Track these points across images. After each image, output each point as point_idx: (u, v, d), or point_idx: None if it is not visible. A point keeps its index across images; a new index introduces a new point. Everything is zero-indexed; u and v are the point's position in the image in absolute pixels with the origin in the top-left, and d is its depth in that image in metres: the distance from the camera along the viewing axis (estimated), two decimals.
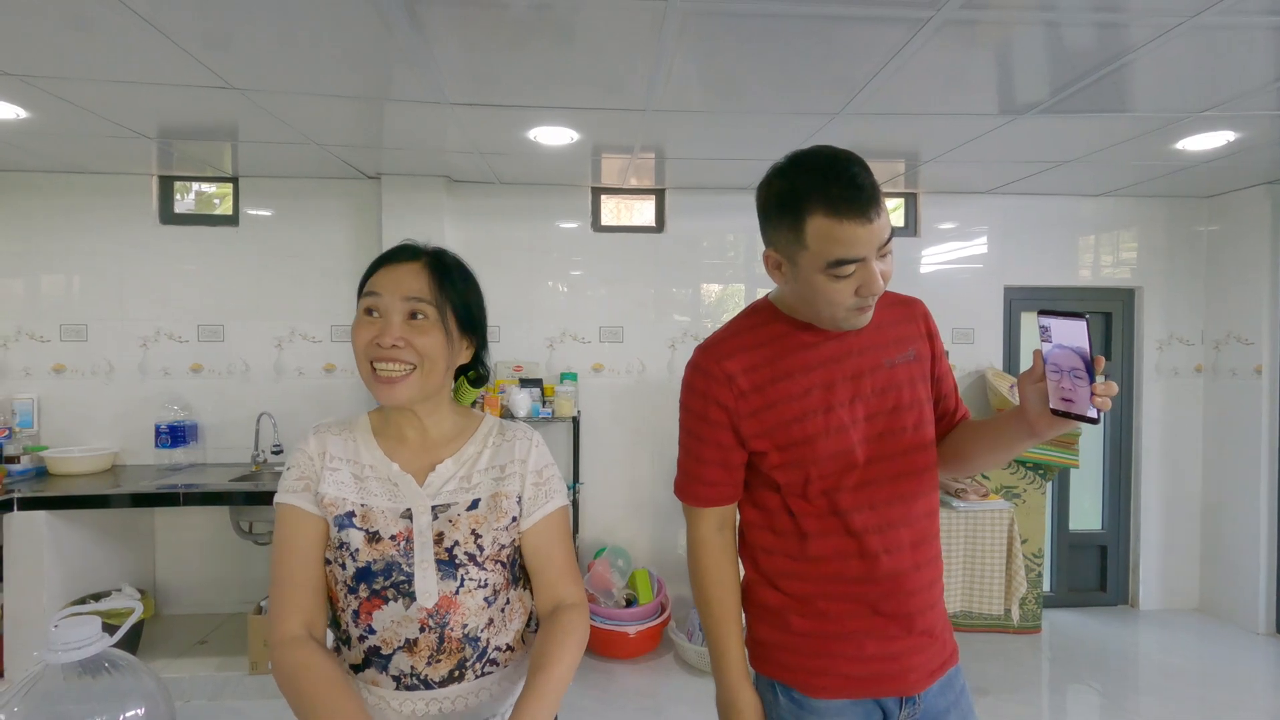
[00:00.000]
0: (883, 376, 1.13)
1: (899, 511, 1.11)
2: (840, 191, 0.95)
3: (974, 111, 2.47)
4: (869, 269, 0.99)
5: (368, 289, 1.03)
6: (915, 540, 1.12)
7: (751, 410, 1.11)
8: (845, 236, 0.96)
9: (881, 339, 1.15)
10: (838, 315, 1.05)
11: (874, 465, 1.11)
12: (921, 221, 3.74)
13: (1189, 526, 3.83)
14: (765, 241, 1.09)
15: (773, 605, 1.16)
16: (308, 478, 1.04)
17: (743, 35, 1.85)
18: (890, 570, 1.09)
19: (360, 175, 3.41)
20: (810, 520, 1.12)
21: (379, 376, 1.00)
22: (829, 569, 1.11)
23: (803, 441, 1.10)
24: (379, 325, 1.00)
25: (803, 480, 1.11)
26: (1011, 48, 1.96)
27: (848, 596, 1.11)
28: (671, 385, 3.64)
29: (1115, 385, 0.89)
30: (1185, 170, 3.21)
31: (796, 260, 1.03)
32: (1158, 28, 1.82)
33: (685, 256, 3.66)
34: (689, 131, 2.71)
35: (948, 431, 1.23)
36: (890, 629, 1.10)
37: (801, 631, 1.13)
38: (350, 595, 1.01)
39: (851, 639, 1.11)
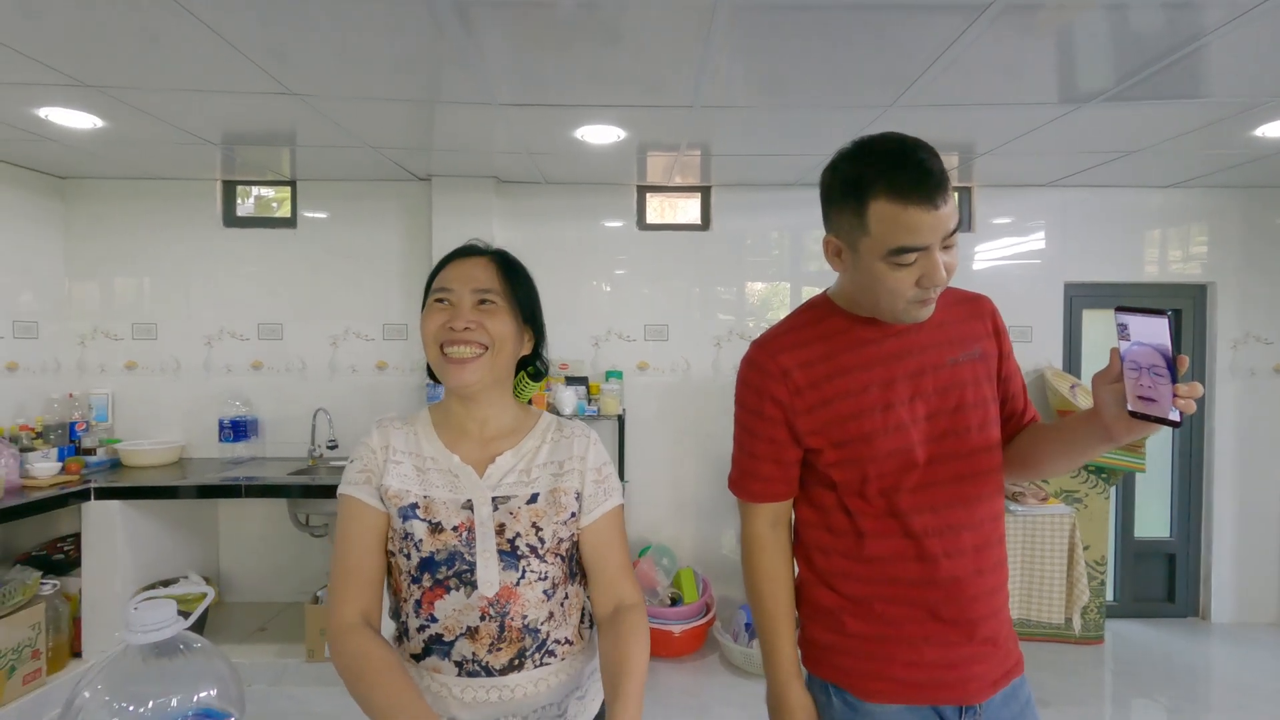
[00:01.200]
0: (945, 375, 1.10)
1: (961, 514, 1.08)
2: (906, 176, 0.93)
3: (1033, 101, 2.38)
4: (932, 259, 0.97)
5: (438, 284, 1.07)
6: (978, 544, 1.08)
7: (807, 406, 1.10)
8: (909, 222, 0.94)
9: (945, 336, 1.12)
10: (897, 306, 1.02)
11: (935, 466, 1.08)
12: (976, 216, 3.63)
13: (1267, 535, 3.62)
14: (826, 227, 1.08)
15: (828, 606, 1.14)
16: (370, 470, 1.07)
17: (791, 29, 1.83)
18: (950, 574, 1.06)
19: (411, 177, 3.49)
20: (868, 520, 1.09)
21: (451, 359, 1.04)
22: (887, 571, 1.09)
23: (860, 439, 1.08)
24: (450, 311, 1.04)
25: (860, 479, 1.09)
26: (1073, 33, 1.88)
27: (906, 600, 1.08)
28: (717, 384, 3.62)
29: (1200, 386, 0.84)
30: (1264, 159, 3.03)
31: (857, 246, 1.01)
32: (1236, 7, 1.72)
33: (730, 254, 3.63)
34: (735, 128, 2.69)
35: (1015, 434, 1.18)
36: (950, 635, 1.07)
37: (857, 634, 1.11)
38: (414, 585, 1.04)
39: (910, 644, 1.08)
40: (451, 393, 1.11)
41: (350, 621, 1.01)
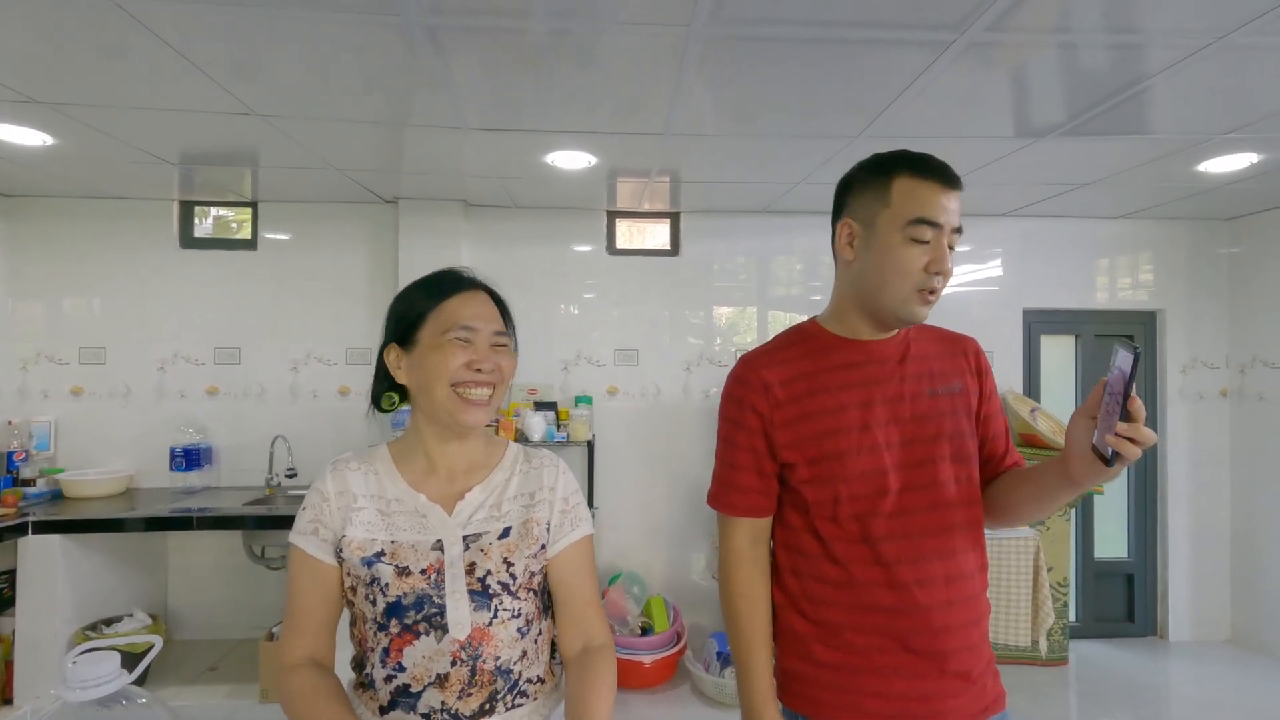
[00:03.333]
0: (924, 404, 1.12)
1: (933, 544, 1.08)
2: (928, 161, 1.07)
3: (991, 135, 2.46)
4: (942, 244, 1.04)
5: (458, 321, 1.02)
6: (950, 575, 1.08)
7: (786, 420, 1.12)
8: (929, 196, 1.04)
9: (925, 369, 1.15)
10: (903, 290, 1.06)
11: (909, 493, 1.09)
12: None
13: (1219, 555, 3.73)
14: (841, 215, 1.14)
15: (799, 632, 1.14)
16: (321, 521, 1.03)
17: (764, 59, 1.85)
18: (922, 604, 1.06)
19: (378, 199, 3.44)
20: (840, 545, 1.10)
21: (469, 400, 1.01)
22: (858, 597, 1.08)
23: (834, 456, 1.09)
24: (472, 350, 1.02)
25: (832, 499, 1.10)
26: (1030, 71, 1.95)
27: (876, 629, 1.07)
28: (688, 408, 3.61)
29: (1144, 431, 0.85)
30: (1207, 192, 3.18)
31: (876, 222, 1.07)
32: (1183, 49, 1.80)
33: (700, 279, 3.65)
34: (706, 155, 2.71)
35: (995, 478, 1.18)
36: (920, 667, 1.06)
37: (827, 663, 1.10)
38: (380, 633, 0.99)
39: (879, 674, 1.07)
40: (438, 430, 1.07)
41: (296, 660, 0.99)
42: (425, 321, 1.03)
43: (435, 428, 1.07)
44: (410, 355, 1.04)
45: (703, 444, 3.61)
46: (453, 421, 1.02)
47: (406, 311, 1.06)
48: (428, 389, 1.02)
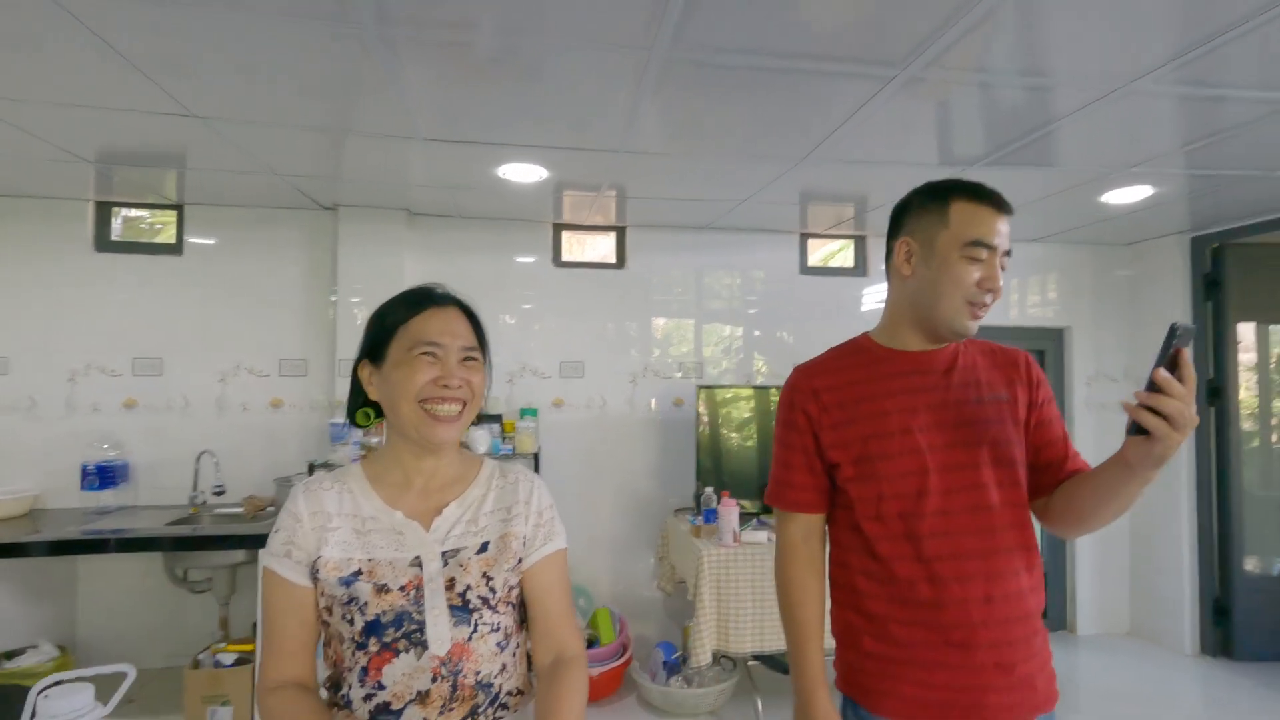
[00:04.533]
0: (969, 410, 1.19)
1: (973, 543, 1.14)
2: (984, 189, 1.17)
3: (920, 162, 2.62)
4: (994, 263, 1.14)
5: (424, 337, 1.02)
6: (989, 573, 1.13)
7: (833, 423, 1.22)
8: (985, 219, 1.14)
9: (972, 378, 1.22)
10: (956, 302, 1.15)
11: (951, 495, 1.15)
12: (870, 262, 3.91)
13: (1120, 554, 4.05)
14: (899, 234, 1.24)
15: (851, 624, 1.22)
16: (295, 543, 1.01)
17: (721, 84, 1.92)
18: (960, 598, 1.12)
19: (316, 206, 3.33)
20: (885, 543, 1.17)
21: (436, 416, 1.01)
22: (901, 593, 1.16)
23: (877, 457, 1.18)
24: (439, 366, 1.01)
25: (875, 496, 1.18)
26: (958, 106, 2.10)
27: (919, 622, 1.14)
28: (633, 420, 3.65)
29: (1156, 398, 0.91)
30: (1109, 220, 3.48)
31: (934, 242, 1.17)
32: (1084, 98, 1.99)
33: (646, 293, 3.70)
34: (657, 171, 2.76)
35: (1059, 483, 1.22)
36: (959, 659, 1.12)
37: (873, 653, 1.18)
38: (359, 651, 0.97)
39: (922, 666, 1.14)
40: (413, 447, 1.06)
41: (278, 681, 0.98)
42: (394, 337, 1.03)
43: (409, 444, 1.06)
44: (380, 371, 1.04)
45: (648, 455, 3.64)
46: (421, 438, 1.02)
47: (379, 327, 1.06)
48: (395, 405, 1.02)
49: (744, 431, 3.45)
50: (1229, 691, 3.29)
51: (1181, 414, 0.91)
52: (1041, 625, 1.19)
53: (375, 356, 1.05)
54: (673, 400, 3.68)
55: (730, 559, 2.80)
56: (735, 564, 2.80)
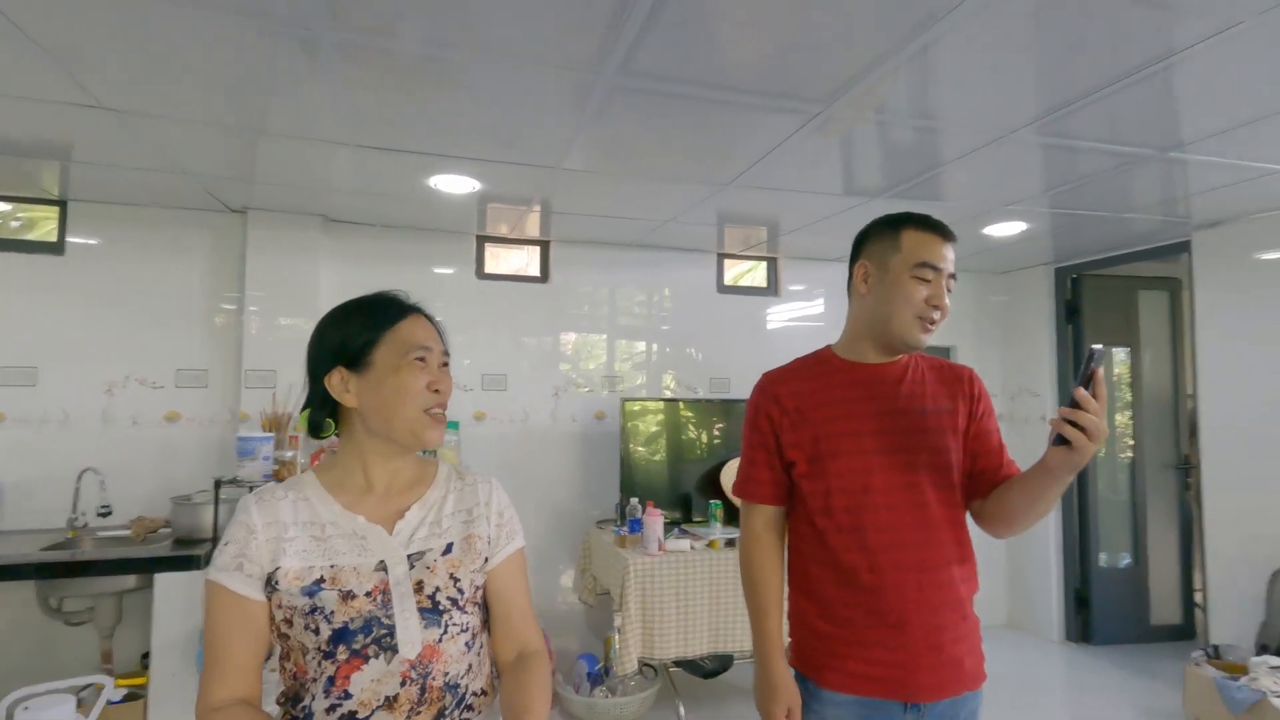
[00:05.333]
0: (915, 420, 1.32)
1: (913, 536, 1.28)
2: (930, 218, 1.33)
3: (828, 192, 2.84)
4: (940, 284, 1.29)
5: (416, 342, 1.04)
6: (925, 563, 1.27)
7: (791, 424, 1.36)
8: (931, 245, 1.29)
9: (919, 390, 1.36)
10: (903, 319, 1.29)
11: (894, 493, 1.29)
12: (781, 282, 4.14)
13: (998, 552, 4.46)
14: (858, 258, 1.39)
15: (801, 607, 1.38)
16: (247, 555, 0.98)
17: (663, 110, 2.02)
18: (896, 583, 1.25)
19: (222, 208, 3.16)
20: (833, 535, 1.30)
21: (435, 417, 1.04)
22: (844, 577, 1.29)
23: (827, 455, 1.32)
24: (429, 371, 1.04)
25: (824, 491, 1.31)
26: (864, 144, 2.31)
27: (861, 605, 1.27)
28: (556, 433, 3.67)
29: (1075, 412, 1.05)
30: (989, 251, 3.87)
31: (888, 263, 1.31)
32: (967, 146, 2.26)
33: (569, 307, 3.75)
34: (588, 189, 2.83)
35: (993, 487, 1.34)
36: (895, 639, 1.25)
37: (821, 633, 1.31)
38: (325, 661, 0.96)
39: (862, 644, 1.27)
40: (382, 450, 1.06)
41: (224, 701, 0.95)
42: (379, 344, 1.03)
43: (382, 447, 1.06)
44: (363, 378, 1.03)
45: (570, 468, 3.67)
46: (416, 440, 1.04)
47: (349, 336, 1.05)
48: (392, 410, 1.02)
49: (664, 444, 3.55)
50: (1089, 673, 3.70)
51: (1097, 427, 1.05)
52: (972, 612, 1.34)
53: (354, 364, 1.04)
54: (594, 413, 3.73)
55: (655, 567, 2.87)
56: (660, 572, 2.88)
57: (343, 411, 1.08)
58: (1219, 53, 1.66)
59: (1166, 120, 2.08)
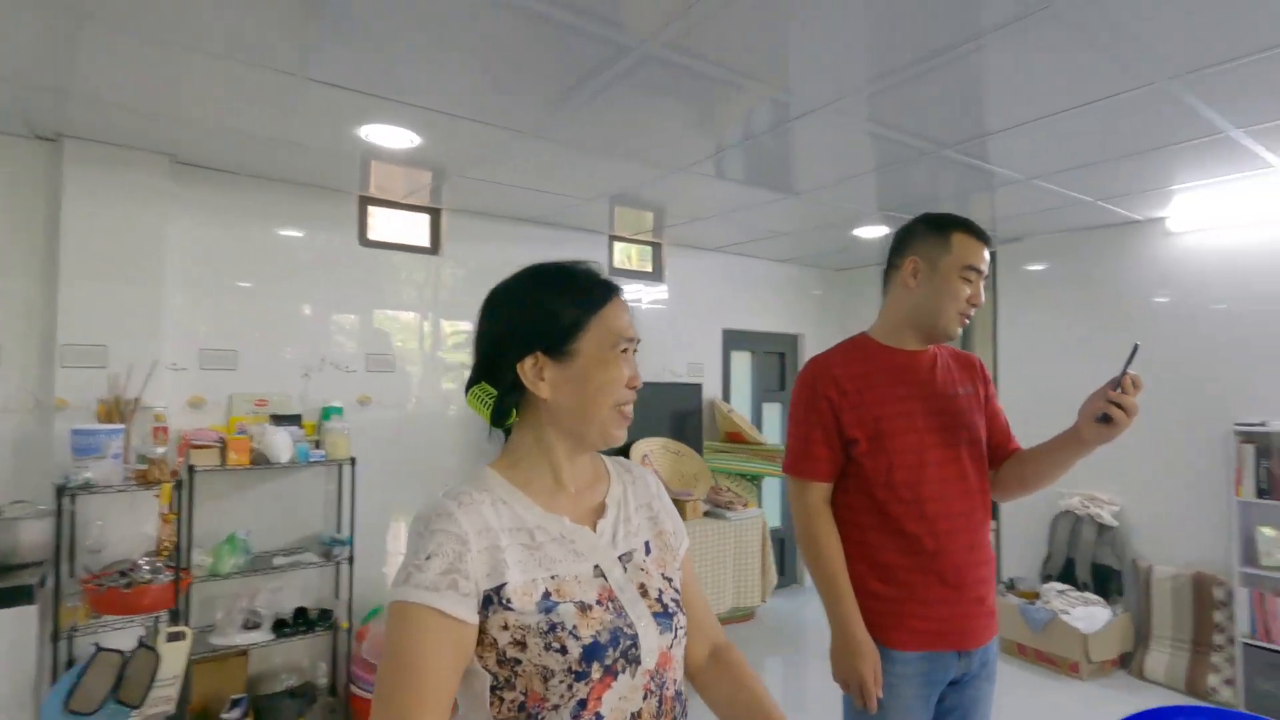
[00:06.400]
0: (952, 401, 1.47)
1: (959, 505, 1.43)
2: (976, 226, 1.48)
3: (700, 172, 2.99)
4: (979, 284, 1.45)
5: (625, 331, 0.92)
6: (970, 528, 1.43)
7: (851, 405, 1.45)
8: (977, 250, 1.44)
9: (949, 375, 1.51)
10: (948, 313, 1.44)
11: (943, 466, 1.43)
12: (666, 268, 4.25)
13: None
14: (905, 253, 1.49)
15: (861, 573, 1.44)
16: (458, 570, 0.81)
17: (664, 83, 1.97)
18: (952, 548, 1.40)
19: (25, 132, 2.41)
20: (894, 506, 1.41)
21: (625, 414, 0.93)
22: (908, 544, 1.40)
23: (886, 434, 1.42)
24: (631, 363, 0.93)
25: (886, 467, 1.41)
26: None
27: (921, 569, 1.40)
28: (449, 417, 3.40)
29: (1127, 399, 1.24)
30: (850, 250, 4.35)
31: (938, 263, 1.44)
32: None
33: (463, 282, 3.47)
34: (519, 154, 2.61)
35: (1005, 460, 1.53)
36: (951, 596, 1.40)
37: (883, 596, 1.41)
38: (577, 683, 0.82)
39: (924, 603, 1.39)
40: (570, 445, 0.94)
41: None
42: (585, 330, 0.90)
43: (569, 442, 0.94)
44: (563, 367, 0.90)
45: (466, 455, 3.43)
46: (605, 440, 0.93)
47: (551, 317, 0.91)
48: (588, 404, 0.90)
49: None
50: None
51: (1135, 408, 1.27)
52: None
53: (554, 351, 0.90)
54: None
55: None
56: None
57: (524, 399, 0.93)
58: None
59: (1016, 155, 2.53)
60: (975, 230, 1.47)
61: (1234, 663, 3.12)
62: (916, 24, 1.67)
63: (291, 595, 2.89)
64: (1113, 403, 1.26)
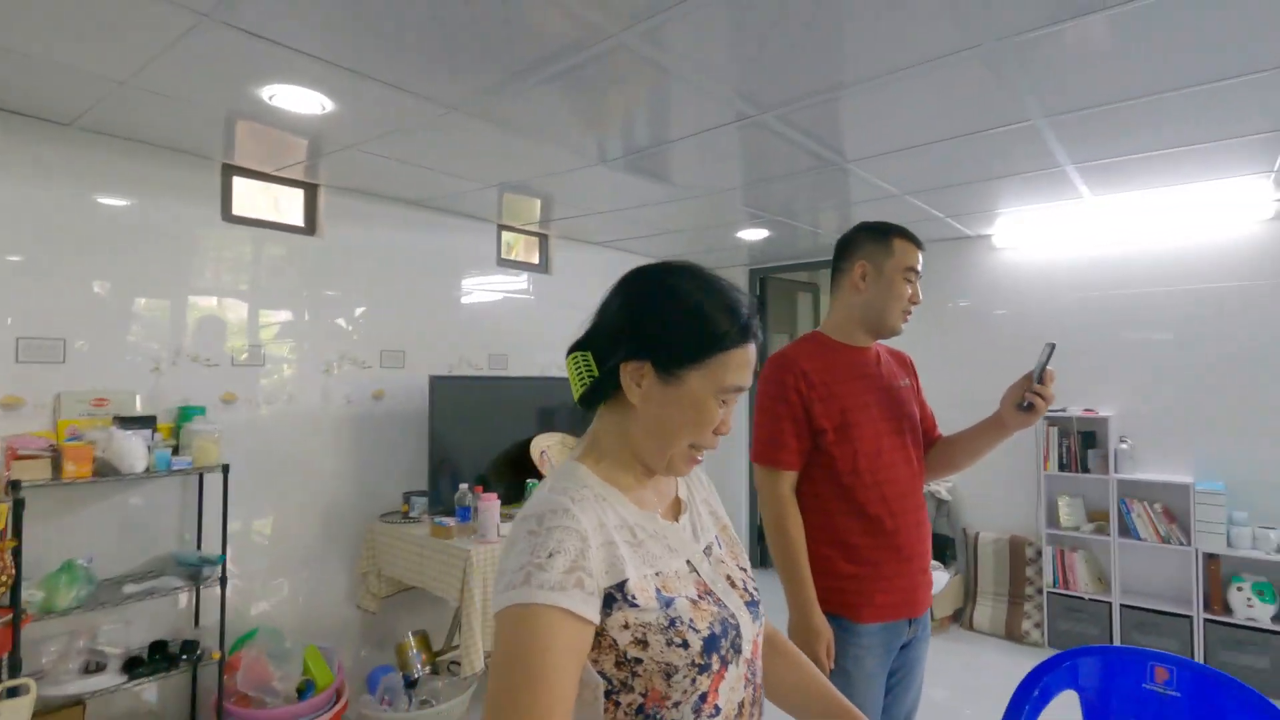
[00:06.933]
0: (899, 393, 1.64)
1: (908, 486, 1.59)
2: (911, 232, 1.63)
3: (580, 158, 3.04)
4: (917, 284, 1.63)
5: (737, 381, 0.87)
6: (917, 505, 1.61)
7: (819, 397, 1.56)
8: (914, 254, 1.61)
9: (891, 370, 1.67)
10: (895, 312, 1.60)
11: (895, 452, 1.59)
12: (552, 261, 4.17)
13: (737, 509, 5.29)
14: (853, 258, 1.63)
15: (827, 555, 1.55)
16: (582, 568, 0.77)
17: (611, 73, 1.94)
18: (906, 525, 1.56)
19: None
20: (860, 490, 1.54)
21: (697, 458, 0.91)
22: (871, 525, 1.54)
23: (851, 424, 1.56)
24: (725, 413, 0.88)
25: (852, 454, 1.54)
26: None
27: (885, 547, 1.54)
28: (329, 415, 3.08)
29: (1048, 391, 1.46)
30: (731, 249, 4.56)
31: (883, 266, 1.59)
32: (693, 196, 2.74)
33: (342, 267, 3.16)
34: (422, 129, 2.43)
35: (932, 445, 1.74)
36: (908, 569, 1.57)
37: (849, 575, 1.54)
38: (701, 676, 0.81)
39: (886, 579, 1.54)
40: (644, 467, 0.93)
41: None
42: (704, 363, 0.85)
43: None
44: (663, 387, 0.86)
45: (345, 458, 3.13)
46: (666, 470, 0.91)
47: (683, 339, 0.85)
48: (668, 436, 0.87)
49: (480, 423, 3.30)
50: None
51: (1053, 397, 1.52)
52: None
53: (665, 366, 0.85)
54: (372, 393, 3.24)
55: (496, 554, 2.71)
56: None
57: (619, 393, 0.89)
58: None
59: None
60: (912, 236, 1.64)
61: (1041, 609, 3.75)
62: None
63: (143, 628, 2.46)
64: (1035, 393, 1.48)
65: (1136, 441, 3.62)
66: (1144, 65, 1.88)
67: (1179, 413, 3.53)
